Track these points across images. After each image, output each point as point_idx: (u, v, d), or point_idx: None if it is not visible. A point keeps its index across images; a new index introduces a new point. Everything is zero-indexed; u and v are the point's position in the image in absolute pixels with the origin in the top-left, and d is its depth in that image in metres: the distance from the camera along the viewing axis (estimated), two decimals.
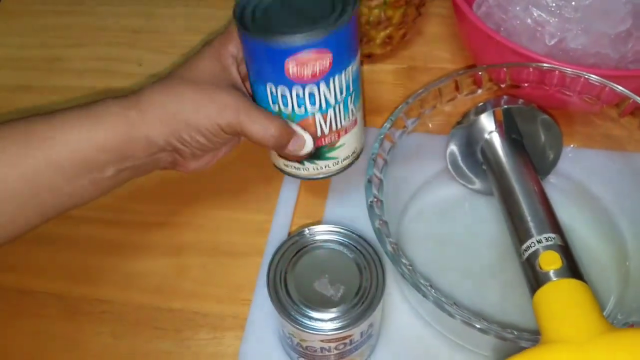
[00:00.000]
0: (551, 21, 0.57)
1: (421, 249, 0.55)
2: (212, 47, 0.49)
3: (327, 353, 0.45)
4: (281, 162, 0.52)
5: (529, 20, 0.58)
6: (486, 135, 0.55)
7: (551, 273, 0.41)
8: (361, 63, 0.50)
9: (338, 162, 0.51)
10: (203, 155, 0.50)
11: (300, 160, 0.50)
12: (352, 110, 0.49)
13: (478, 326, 0.40)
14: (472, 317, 0.40)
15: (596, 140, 0.55)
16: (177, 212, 0.62)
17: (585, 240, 0.54)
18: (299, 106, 0.46)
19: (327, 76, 0.45)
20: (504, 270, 0.52)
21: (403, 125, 0.53)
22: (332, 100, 0.47)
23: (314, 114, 0.47)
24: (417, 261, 0.54)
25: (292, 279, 0.44)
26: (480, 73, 0.54)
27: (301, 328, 0.43)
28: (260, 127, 0.46)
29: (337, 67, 0.45)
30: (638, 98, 0.50)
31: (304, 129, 0.48)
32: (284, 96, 0.46)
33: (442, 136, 0.57)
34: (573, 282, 0.40)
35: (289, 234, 0.57)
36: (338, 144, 0.50)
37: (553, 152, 0.56)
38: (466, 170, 0.58)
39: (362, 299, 0.44)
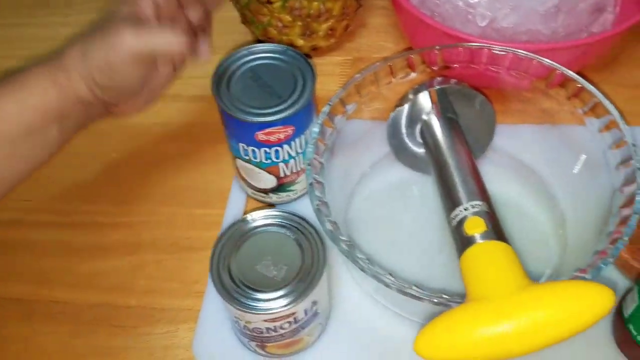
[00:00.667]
0: (481, 2, 0.59)
1: (370, 230, 0.57)
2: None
3: (273, 333, 0.46)
4: (250, 191, 0.60)
5: (460, 3, 0.60)
6: (424, 116, 0.57)
7: (476, 236, 0.43)
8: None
9: (297, 193, 0.60)
10: (134, 94, 0.49)
11: (266, 192, 0.58)
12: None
13: (412, 293, 0.41)
14: (405, 285, 0.42)
15: (530, 115, 0.57)
16: (131, 211, 0.63)
17: (525, 210, 0.56)
18: (266, 159, 0.55)
19: (289, 140, 0.53)
20: (450, 245, 0.54)
21: (342, 111, 0.54)
22: (293, 154, 0.55)
23: (278, 164, 0.55)
24: (366, 241, 0.55)
25: (236, 264, 0.46)
26: (412, 56, 0.55)
27: (243, 309, 0.44)
28: (162, 35, 0.46)
29: (298, 133, 0.53)
30: (564, 69, 0.52)
31: (269, 172, 0.56)
32: (254, 152, 0.54)
33: (385, 122, 0.58)
34: (495, 244, 0.42)
35: None
36: (297, 181, 0.58)
37: (488, 129, 0.57)
38: (409, 152, 0.59)
39: (304, 278, 0.45)
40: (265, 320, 0.45)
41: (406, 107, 0.57)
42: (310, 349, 0.51)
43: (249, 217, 0.48)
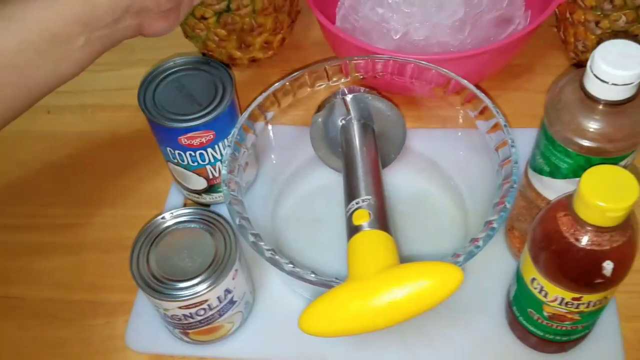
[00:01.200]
0: (394, 17, 0.65)
1: (299, 229, 0.62)
2: None
3: (191, 320, 0.51)
4: (185, 193, 0.65)
5: (376, 18, 0.65)
6: (340, 122, 0.62)
7: (361, 226, 0.48)
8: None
9: None
10: (168, 11, 0.50)
11: (199, 193, 0.63)
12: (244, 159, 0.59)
13: (309, 278, 0.46)
14: (302, 271, 0.47)
15: (435, 119, 0.62)
16: (77, 214, 0.68)
17: (434, 201, 0.63)
18: (192, 162, 0.60)
19: (212, 144, 0.58)
20: None
21: (262, 117, 0.60)
22: (219, 157, 0.60)
23: (205, 166, 0.60)
24: (291, 238, 0.61)
25: (154, 257, 0.51)
26: (327, 67, 0.60)
27: (159, 297, 0.49)
28: None
29: (220, 137, 0.58)
30: (458, 77, 0.57)
31: (199, 174, 0.61)
32: (180, 155, 0.59)
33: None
34: (373, 232, 0.47)
35: None
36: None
37: (400, 133, 0.63)
38: (332, 155, 0.64)
39: (215, 268, 0.50)
40: (180, 307, 0.50)
41: (325, 113, 0.62)
42: (233, 336, 0.56)
43: (167, 215, 0.53)
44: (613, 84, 0.41)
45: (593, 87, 0.42)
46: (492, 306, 0.56)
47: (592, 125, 0.43)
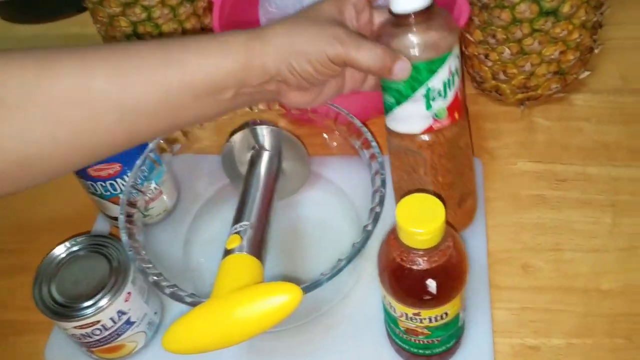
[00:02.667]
0: None
1: (208, 250, 0.67)
2: None
3: (89, 339, 0.56)
4: (109, 220, 0.69)
5: None
6: (249, 152, 0.67)
7: (233, 249, 0.53)
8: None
9: (152, 218, 0.67)
10: (307, 89, 0.52)
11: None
12: (152, 190, 0.64)
13: (187, 300, 0.51)
14: (179, 292, 0.51)
15: (334, 147, 0.67)
16: (13, 240, 0.74)
17: (334, 223, 0.67)
18: (105, 192, 0.64)
19: (120, 174, 0.63)
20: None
21: (169, 149, 0.65)
22: None
23: (118, 194, 0.64)
24: (203, 260, 0.66)
25: (55, 283, 0.56)
26: None
27: (58, 319, 0.54)
28: (366, 51, 0.49)
29: (128, 168, 0.62)
30: (344, 111, 0.62)
31: (114, 203, 0.65)
32: (92, 185, 0.64)
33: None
34: (240, 256, 0.52)
35: None
36: (149, 208, 0.66)
37: (303, 162, 0.67)
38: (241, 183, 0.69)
39: (107, 291, 0.55)
40: (75, 327, 0.55)
41: (231, 144, 0.66)
42: (139, 355, 0.61)
43: (67, 243, 0.58)
44: None
45: (399, 6, 0.50)
46: (376, 322, 0.60)
47: (410, 39, 0.50)
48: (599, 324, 0.59)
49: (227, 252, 0.53)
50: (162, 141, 0.63)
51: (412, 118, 0.53)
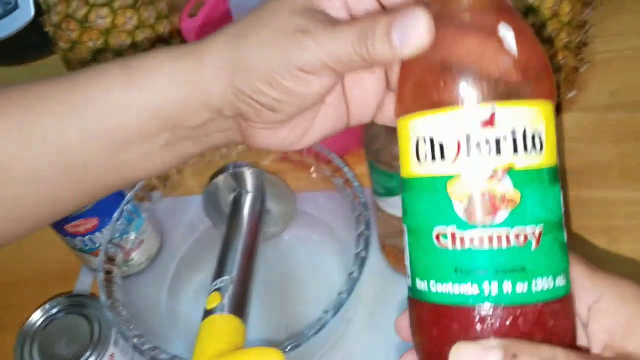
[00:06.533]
0: None
1: (191, 297, 0.65)
2: None
3: None
4: (92, 273, 0.68)
5: None
6: (231, 194, 0.65)
7: (213, 309, 0.51)
8: None
9: (134, 268, 0.65)
10: (282, 122, 0.35)
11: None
12: (132, 241, 0.62)
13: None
14: (160, 356, 0.50)
15: (318, 184, 0.65)
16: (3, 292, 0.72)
17: (327, 262, 0.65)
18: (85, 246, 0.63)
19: (98, 228, 0.62)
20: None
21: (148, 198, 0.63)
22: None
23: (98, 249, 0.63)
24: (187, 309, 0.64)
25: (37, 345, 0.55)
26: None
27: None
28: (345, 32, 0.31)
29: (105, 222, 0.61)
30: (326, 151, 0.60)
31: (95, 256, 0.63)
32: (72, 240, 0.63)
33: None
34: (220, 317, 0.50)
35: None
36: (131, 258, 0.64)
37: (288, 201, 0.65)
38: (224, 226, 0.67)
39: (91, 353, 0.53)
40: None
41: (213, 186, 0.64)
42: None
43: (47, 305, 0.56)
44: None
45: None
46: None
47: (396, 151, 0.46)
48: None
49: (208, 313, 0.51)
50: (139, 191, 0.62)
51: (398, 205, 0.50)
